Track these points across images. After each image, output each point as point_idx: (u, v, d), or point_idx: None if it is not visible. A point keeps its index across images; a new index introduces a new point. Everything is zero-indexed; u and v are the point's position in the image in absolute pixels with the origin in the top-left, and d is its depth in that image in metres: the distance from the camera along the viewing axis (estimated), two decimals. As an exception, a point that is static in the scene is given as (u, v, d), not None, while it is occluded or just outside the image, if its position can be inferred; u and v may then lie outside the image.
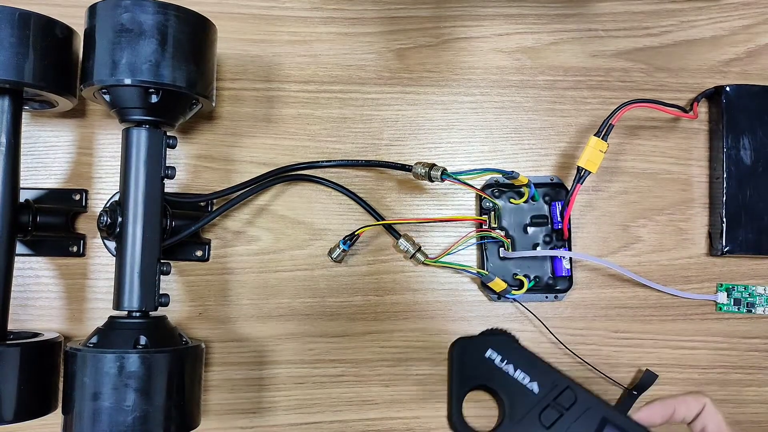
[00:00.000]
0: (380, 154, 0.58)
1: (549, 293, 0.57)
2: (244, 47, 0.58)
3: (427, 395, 0.57)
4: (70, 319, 0.56)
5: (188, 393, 0.48)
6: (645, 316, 0.58)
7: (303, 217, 0.58)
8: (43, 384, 0.48)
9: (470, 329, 0.57)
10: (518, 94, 0.60)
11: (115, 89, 0.47)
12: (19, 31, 0.46)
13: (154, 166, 0.49)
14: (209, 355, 0.56)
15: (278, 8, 0.59)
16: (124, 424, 0.44)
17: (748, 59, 0.61)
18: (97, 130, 0.57)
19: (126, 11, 0.46)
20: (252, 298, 0.57)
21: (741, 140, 0.58)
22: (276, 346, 0.56)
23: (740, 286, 0.59)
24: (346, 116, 0.59)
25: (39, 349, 0.48)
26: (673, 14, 0.61)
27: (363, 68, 0.59)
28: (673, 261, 0.59)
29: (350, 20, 0.59)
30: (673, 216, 0.60)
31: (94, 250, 0.56)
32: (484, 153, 0.59)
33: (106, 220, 0.49)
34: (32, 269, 0.56)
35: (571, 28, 0.61)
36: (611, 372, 0.57)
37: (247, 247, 0.57)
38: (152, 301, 0.49)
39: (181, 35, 0.48)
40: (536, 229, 0.58)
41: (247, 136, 0.58)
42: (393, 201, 0.58)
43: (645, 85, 0.60)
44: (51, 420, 0.49)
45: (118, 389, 0.45)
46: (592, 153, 0.54)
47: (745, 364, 0.59)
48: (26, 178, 0.54)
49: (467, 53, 0.60)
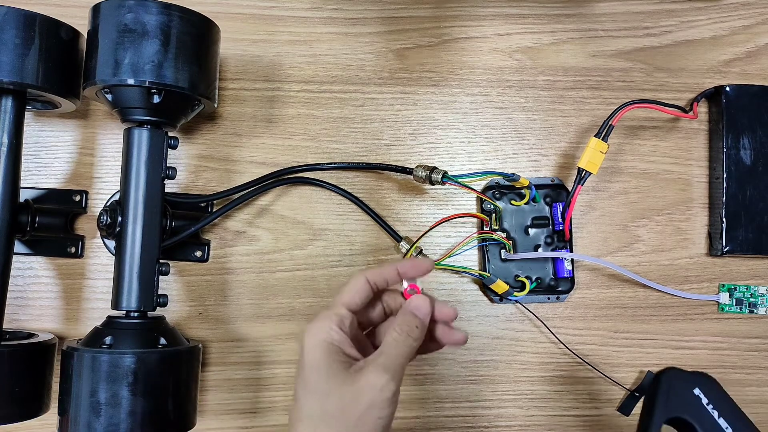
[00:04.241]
0: (380, 154, 0.58)
1: (551, 294, 0.57)
2: (245, 47, 0.58)
3: (427, 395, 0.57)
4: (69, 318, 0.56)
5: (184, 393, 0.48)
6: (645, 316, 0.58)
7: (303, 217, 0.58)
8: (36, 385, 0.48)
9: (470, 329, 0.57)
10: (518, 94, 0.60)
11: (117, 89, 0.47)
12: (24, 32, 0.46)
13: (155, 166, 0.49)
14: (209, 355, 0.56)
15: (278, 8, 0.59)
16: (119, 424, 0.44)
17: (748, 59, 0.61)
18: (98, 131, 0.57)
19: (129, 11, 0.46)
20: (252, 298, 0.57)
21: (741, 140, 0.58)
22: (275, 346, 0.56)
23: (742, 286, 0.59)
24: (346, 116, 0.59)
25: (32, 350, 0.48)
26: (673, 14, 0.61)
27: (363, 68, 0.59)
28: (673, 261, 0.59)
29: (350, 20, 0.59)
30: (673, 216, 0.60)
31: (93, 250, 0.56)
32: (484, 153, 0.59)
33: (106, 219, 0.49)
34: (31, 269, 0.56)
35: (571, 28, 0.61)
36: (611, 372, 0.57)
37: (247, 247, 0.57)
38: (151, 301, 0.49)
39: (184, 36, 0.48)
40: (537, 230, 0.58)
41: (248, 136, 0.58)
42: (393, 201, 0.58)
43: (645, 85, 0.60)
44: (51, 420, 0.49)
45: (114, 389, 0.45)
46: (593, 154, 0.54)
47: (745, 364, 0.59)
48: (26, 177, 0.54)
49: (467, 53, 0.60)
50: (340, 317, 0.40)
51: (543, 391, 0.57)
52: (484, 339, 0.57)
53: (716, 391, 0.40)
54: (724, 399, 0.40)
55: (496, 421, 0.57)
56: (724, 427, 0.39)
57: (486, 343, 0.57)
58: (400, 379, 0.39)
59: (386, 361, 0.39)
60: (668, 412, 0.39)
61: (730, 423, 0.39)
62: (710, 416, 0.39)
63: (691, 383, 0.40)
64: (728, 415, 0.39)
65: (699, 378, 0.40)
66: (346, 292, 0.42)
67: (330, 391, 0.38)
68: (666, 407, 0.39)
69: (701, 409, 0.39)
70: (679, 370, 0.41)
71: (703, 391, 0.40)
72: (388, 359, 0.39)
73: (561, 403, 0.57)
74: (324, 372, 0.39)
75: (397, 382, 0.38)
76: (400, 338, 0.40)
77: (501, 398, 0.57)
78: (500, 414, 0.57)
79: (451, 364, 0.57)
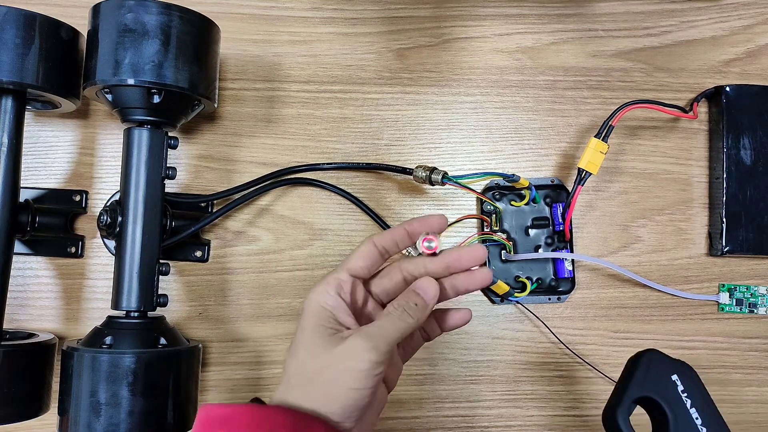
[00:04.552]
0: (380, 154, 0.58)
1: (552, 295, 0.57)
2: (245, 47, 0.58)
3: (427, 395, 0.57)
4: (69, 318, 0.56)
5: (184, 393, 0.48)
6: (645, 316, 0.58)
7: (303, 217, 0.58)
8: (36, 385, 0.48)
9: (470, 329, 0.57)
10: (518, 94, 0.60)
11: (117, 89, 0.47)
12: (24, 32, 0.46)
13: (155, 166, 0.49)
14: (209, 355, 0.56)
15: (278, 8, 0.59)
16: (119, 424, 0.44)
17: (748, 59, 0.61)
18: (98, 131, 0.57)
19: (129, 11, 0.46)
20: (252, 298, 0.57)
21: (741, 140, 0.58)
22: (275, 346, 0.56)
23: (742, 286, 0.59)
24: (346, 116, 0.59)
25: (32, 350, 0.48)
26: (673, 14, 0.61)
27: (363, 68, 0.59)
28: (673, 261, 0.59)
29: (350, 20, 0.59)
30: (673, 216, 0.60)
31: (93, 250, 0.56)
32: (484, 153, 0.59)
33: (106, 219, 0.49)
34: (31, 269, 0.56)
35: (571, 28, 0.61)
36: (611, 372, 0.57)
37: (247, 247, 0.57)
38: (151, 301, 0.49)
39: (184, 36, 0.48)
40: (538, 231, 0.58)
41: (248, 136, 0.58)
42: (393, 201, 0.58)
43: (645, 85, 0.60)
44: (51, 420, 0.49)
45: (114, 389, 0.45)
46: (593, 154, 0.54)
47: (745, 364, 0.59)
48: (26, 177, 0.54)
49: (467, 53, 0.60)
50: (338, 282, 0.39)
51: (543, 391, 0.57)
52: (484, 339, 0.57)
53: (693, 381, 0.40)
54: (699, 391, 0.40)
55: (496, 421, 0.57)
56: (694, 417, 0.39)
57: (486, 343, 0.57)
58: (384, 355, 0.36)
59: (373, 331, 0.37)
60: (641, 390, 0.39)
61: (701, 414, 0.39)
62: (683, 404, 0.39)
63: (670, 368, 0.40)
64: (701, 406, 0.39)
65: (678, 365, 0.40)
66: (351, 256, 0.40)
67: (310, 354, 0.37)
68: (641, 385, 0.39)
69: (675, 395, 0.39)
70: (661, 354, 0.41)
71: (680, 379, 0.40)
72: (376, 330, 0.37)
73: (561, 403, 0.57)
74: (309, 334, 0.38)
75: (379, 355, 0.36)
76: (395, 313, 0.38)
77: (501, 398, 0.57)
78: (500, 414, 0.57)
79: (451, 364, 0.57)
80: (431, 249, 0.41)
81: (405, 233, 0.41)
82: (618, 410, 0.39)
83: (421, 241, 0.41)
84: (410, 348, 0.45)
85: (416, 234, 0.41)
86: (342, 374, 0.36)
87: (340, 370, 0.36)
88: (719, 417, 0.39)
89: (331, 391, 0.36)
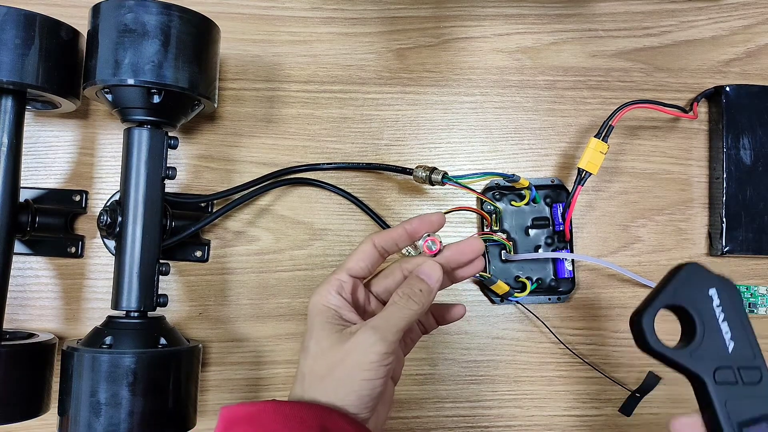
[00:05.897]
0: (380, 154, 0.58)
1: (552, 295, 0.57)
2: (245, 47, 0.58)
3: (427, 395, 0.57)
4: (69, 318, 0.56)
5: (184, 393, 0.48)
6: (645, 316, 0.58)
7: (303, 217, 0.58)
8: (36, 385, 0.48)
9: (470, 329, 0.57)
10: (518, 94, 0.60)
11: (117, 89, 0.47)
12: (24, 32, 0.46)
13: (155, 166, 0.49)
14: (209, 355, 0.56)
15: (278, 8, 0.59)
16: (119, 424, 0.44)
17: (748, 59, 0.61)
18: (98, 131, 0.57)
19: (129, 11, 0.46)
20: (252, 298, 0.57)
21: (741, 140, 0.58)
22: (275, 346, 0.56)
23: (742, 286, 0.59)
24: (346, 116, 0.59)
25: (32, 350, 0.48)
26: (673, 14, 0.61)
27: (363, 68, 0.59)
28: (673, 261, 0.59)
29: (350, 20, 0.59)
30: (673, 216, 0.60)
31: (93, 250, 0.56)
32: (484, 153, 0.59)
33: (106, 219, 0.49)
34: (31, 269, 0.56)
35: (571, 28, 0.61)
36: (612, 372, 0.57)
37: (247, 247, 0.57)
38: (151, 301, 0.49)
39: (184, 36, 0.48)
40: (538, 231, 0.58)
41: (248, 136, 0.58)
42: (393, 201, 0.58)
43: (645, 85, 0.60)
44: (51, 420, 0.49)
45: (114, 389, 0.45)
46: (593, 154, 0.54)
47: (745, 364, 0.59)
48: (26, 177, 0.54)
49: (467, 53, 0.60)
50: (339, 283, 0.41)
51: (543, 391, 0.57)
52: (484, 339, 0.57)
53: (732, 299, 0.38)
54: (736, 309, 0.38)
55: (496, 422, 0.57)
56: (724, 330, 0.38)
57: (486, 343, 0.57)
58: (393, 344, 0.38)
59: (379, 322, 0.38)
60: (674, 299, 0.38)
61: (733, 330, 0.38)
62: (715, 317, 0.38)
63: (709, 282, 0.38)
64: (733, 321, 0.38)
65: (720, 281, 0.38)
66: (351, 257, 0.42)
67: (321, 352, 0.39)
68: (674, 294, 0.38)
69: (708, 308, 0.38)
70: (704, 269, 0.39)
71: (719, 294, 0.38)
72: (382, 321, 0.38)
73: (561, 403, 0.57)
74: (318, 333, 0.39)
75: (388, 346, 0.37)
76: (400, 302, 0.39)
77: (501, 398, 0.57)
78: (500, 414, 0.57)
79: (451, 364, 0.57)
80: (432, 250, 0.41)
81: (404, 233, 0.42)
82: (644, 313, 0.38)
83: (423, 242, 0.41)
84: (410, 340, 0.46)
85: (416, 233, 0.42)
86: (354, 368, 0.37)
87: (352, 364, 0.37)
88: (751, 335, 0.38)
89: (345, 384, 0.37)
